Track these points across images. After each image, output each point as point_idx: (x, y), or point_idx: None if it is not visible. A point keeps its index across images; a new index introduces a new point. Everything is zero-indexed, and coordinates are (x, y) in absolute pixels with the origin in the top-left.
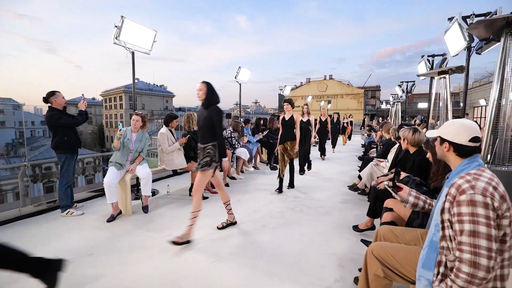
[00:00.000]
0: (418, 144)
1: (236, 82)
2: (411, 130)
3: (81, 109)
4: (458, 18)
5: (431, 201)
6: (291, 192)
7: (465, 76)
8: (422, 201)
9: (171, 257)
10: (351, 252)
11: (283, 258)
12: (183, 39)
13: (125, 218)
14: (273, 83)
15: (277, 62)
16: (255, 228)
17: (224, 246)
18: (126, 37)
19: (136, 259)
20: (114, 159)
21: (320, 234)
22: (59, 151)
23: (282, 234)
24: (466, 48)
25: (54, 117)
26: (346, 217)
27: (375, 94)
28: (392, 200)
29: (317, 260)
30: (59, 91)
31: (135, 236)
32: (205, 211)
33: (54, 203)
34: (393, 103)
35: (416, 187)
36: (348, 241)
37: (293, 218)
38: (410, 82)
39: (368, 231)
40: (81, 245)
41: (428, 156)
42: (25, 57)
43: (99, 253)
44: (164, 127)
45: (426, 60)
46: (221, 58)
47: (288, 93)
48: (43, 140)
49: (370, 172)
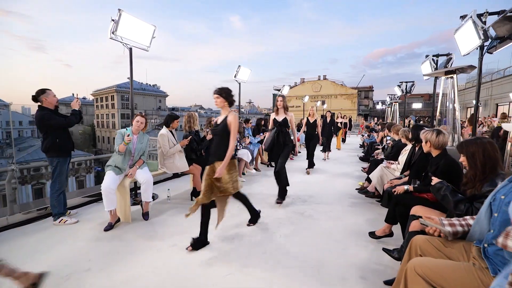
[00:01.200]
0: (442, 147)
1: (236, 81)
2: (435, 132)
3: (74, 109)
4: (473, 16)
5: (466, 220)
6: (298, 195)
7: (478, 75)
8: (459, 225)
9: (179, 271)
10: (372, 262)
11: (300, 269)
12: (176, 38)
13: (124, 226)
14: (267, 83)
15: (271, 62)
16: (266, 236)
17: (236, 257)
18: (124, 32)
19: (140, 274)
20: (113, 162)
21: (335, 242)
22: (51, 154)
23: (295, 242)
24: (479, 47)
25: (45, 117)
26: (358, 222)
27: (368, 95)
28: (421, 207)
29: (336, 271)
30: (50, 89)
31: (137, 247)
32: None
33: (45, 210)
34: (390, 103)
35: (450, 194)
36: (366, 249)
37: (303, 224)
38: (409, 82)
39: (385, 238)
40: (77, 258)
41: (461, 160)
42: (12, 55)
43: (97, 268)
44: (165, 128)
45: (431, 60)
46: (214, 58)
47: (287, 92)
48: (31, 140)
49: (380, 174)
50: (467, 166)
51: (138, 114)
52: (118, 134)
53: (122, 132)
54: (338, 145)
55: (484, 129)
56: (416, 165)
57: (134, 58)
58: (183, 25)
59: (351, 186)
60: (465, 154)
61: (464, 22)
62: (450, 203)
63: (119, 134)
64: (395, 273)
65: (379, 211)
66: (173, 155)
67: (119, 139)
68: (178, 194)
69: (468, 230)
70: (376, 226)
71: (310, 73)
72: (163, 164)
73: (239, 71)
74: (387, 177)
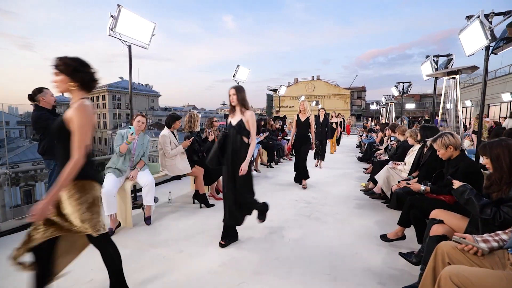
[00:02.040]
0: (460, 146)
1: (234, 81)
2: (448, 134)
3: None
4: (481, 16)
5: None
6: (301, 197)
7: (483, 76)
8: (494, 240)
9: (190, 280)
10: (387, 266)
11: (315, 276)
12: (169, 38)
13: (126, 232)
14: (260, 83)
15: (264, 62)
16: (274, 240)
17: (246, 263)
18: (123, 28)
19: (147, 283)
20: (113, 164)
21: (347, 245)
22: (48, 156)
23: (306, 246)
24: (485, 47)
25: (42, 117)
26: (366, 224)
27: (361, 95)
28: (441, 211)
29: (353, 277)
30: (48, 87)
31: (141, 254)
32: (214, 221)
33: None
34: (385, 104)
35: (475, 198)
36: (380, 253)
37: (312, 227)
38: (406, 83)
39: (397, 241)
40: (77, 268)
41: (484, 162)
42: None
43: (100, 278)
44: (166, 129)
45: (431, 60)
46: (207, 58)
47: (283, 93)
48: (19, 141)
49: (387, 175)
50: (491, 168)
51: (139, 114)
52: (118, 135)
53: (122, 132)
54: (332, 149)
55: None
56: (425, 166)
57: (126, 57)
58: (175, 24)
59: (354, 187)
60: (489, 156)
61: (471, 22)
62: (475, 207)
63: (119, 135)
64: (412, 278)
65: (386, 212)
66: (175, 157)
67: (119, 140)
68: (179, 197)
69: (503, 245)
70: (385, 229)
71: (303, 74)
72: (164, 166)
73: (238, 71)
74: (394, 178)
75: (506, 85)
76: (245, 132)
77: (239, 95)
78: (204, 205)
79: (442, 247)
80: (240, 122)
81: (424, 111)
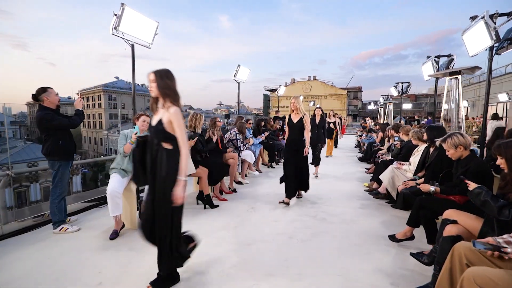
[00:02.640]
0: (469, 148)
1: (235, 81)
2: (459, 134)
3: (77, 109)
4: (485, 17)
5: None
6: (305, 197)
7: (487, 75)
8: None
9: (202, 283)
10: (398, 267)
11: (327, 277)
12: (164, 37)
13: (131, 234)
14: (256, 84)
15: (260, 62)
16: (282, 241)
17: (257, 265)
18: (126, 27)
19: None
20: (118, 165)
21: (356, 246)
22: (52, 157)
23: (315, 248)
24: (489, 47)
25: (47, 117)
26: (373, 225)
27: (357, 95)
28: (454, 211)
29: (365, 278)
30: (51, 87)
31: (149, 256)
32: (220, 223)
33: (42, 218)
34: (383, 104)
35: (492, 200)
36: (389, 253)
37: (319, 228)
38: (405, 83)
39: (406, 241)
40: (85, 272)
41: (499, 162)
42: None
43: (110, 281)
44: None
45: (433, 61)
46: (203, 58)
47: (283, 93)
48: (13, 141)
49: (392, 175)
50: (506, 168)
51: (143, 114)
52: (121, 135)
53: (125, 132)
54: (329, 152)
55: (473, 129)
56: (432, 166)
57: (121, 57)
58: (170, 24)
59: (357, 188)
60: (504, 156)
61: (475, 23)
62: (493, 209)
63: (122, 135)
64: (424, 279)
65: (392, 212)
66: None
67: (122, 140)
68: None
69: None
70: (392, 229)
71: (299, 74)
72: None
73: (239, 71)
74: (399, 178)
75: (503, 86)
76: (162, 136)
77: (161, 83)
78: (209, 206)
79: (458, 248)
80: (159, 122)
81: (420, 111)
